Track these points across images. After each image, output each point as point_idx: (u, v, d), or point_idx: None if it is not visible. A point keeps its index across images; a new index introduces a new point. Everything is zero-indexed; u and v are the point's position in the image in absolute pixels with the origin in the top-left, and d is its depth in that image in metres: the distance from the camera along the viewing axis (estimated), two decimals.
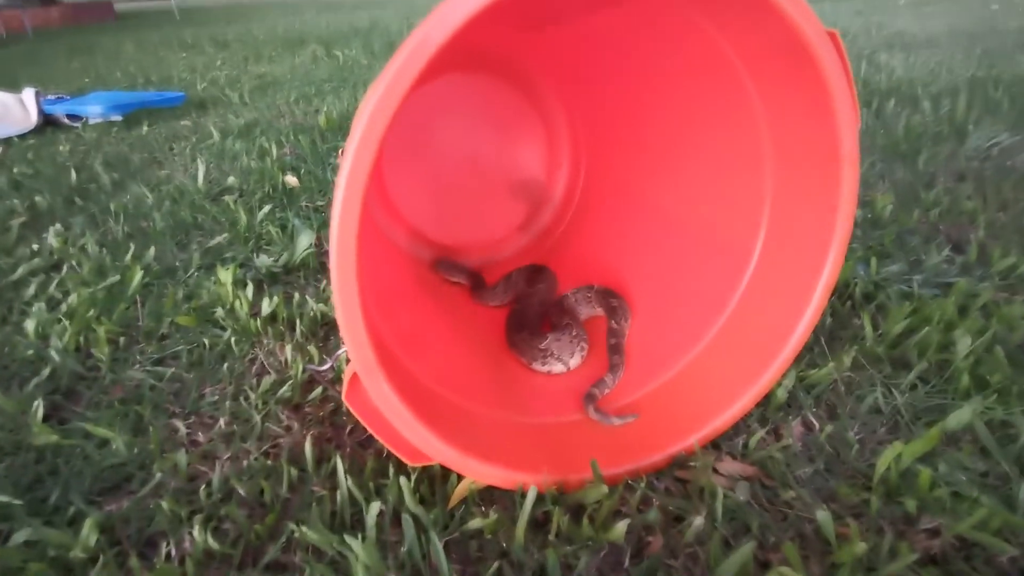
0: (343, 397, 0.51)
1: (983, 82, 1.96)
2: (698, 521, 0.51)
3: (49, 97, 2.20)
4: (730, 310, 0.66)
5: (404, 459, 0.52)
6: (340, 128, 1.86)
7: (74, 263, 1.06)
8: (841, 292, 0.86)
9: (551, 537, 0.52)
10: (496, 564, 0.49)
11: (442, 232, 1.00)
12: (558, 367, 0.73)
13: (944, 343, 0.72)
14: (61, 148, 1.82)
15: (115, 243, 1.14)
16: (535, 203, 1.03)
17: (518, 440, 0.59)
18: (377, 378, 0.47)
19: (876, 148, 1.48)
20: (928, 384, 0.68)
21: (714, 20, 0.57)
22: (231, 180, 1.43)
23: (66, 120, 2.10)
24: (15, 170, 1.57)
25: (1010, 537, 0.50)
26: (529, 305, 0.83)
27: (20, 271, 1.04)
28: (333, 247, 0.43)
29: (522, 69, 0.96)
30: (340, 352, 0.75)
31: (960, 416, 0.61)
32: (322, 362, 0.76)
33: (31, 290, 0.98)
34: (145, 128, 2.01)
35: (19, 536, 0.53)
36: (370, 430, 0.51)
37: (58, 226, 1.19)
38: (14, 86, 2.74)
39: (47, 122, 2.12)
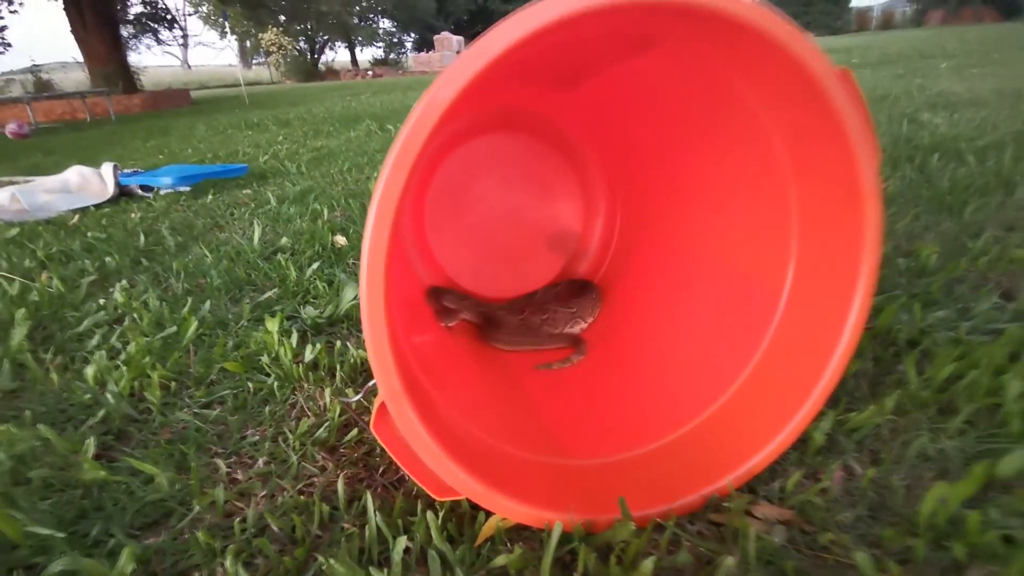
0: (370, 427, 0.52)
1: None
2: (729, 562, 0.49)
3: (125, 171, 2.39)
4: (762, 351, 0.65)
5: (430, 493, 0.52)
6: None
7: (135, 316, 1.13)
8: (884, 338, 0.84)
9: None
10: None
11: (480, 284, 1.03)
12: (581, 325, 0.90)
13: (994, 388, 0.69)
14: (132, 215, 1.96)
15: (174, 298, 1.21)
16: (570, 255, 1.05)
17: (546, 478, 0.59)
18: (403, 404, 0.48)
19: (921, 200, 1.46)
20: (978, 429, 0.65)
21: (734, 66, 0.59)
22: (284, 240, 1.51)
23: (139, 191, 2.27)
24: (88, 234, 1.70)
25: None
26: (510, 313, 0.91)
27: (85, 324, 1.11)
28: (363, 279, 0.46)
29: (557, 127, 1.00)
30: (370, 383, 0.77)
31: (1013, 461, 0.57)
32: (355, 393, 0.78)
33: (94, 341, 1.04)
34: (210, 197, 2.15)
35: (55, 566, 0.55)
36: (396, 461, 0.52)
37: (123, 282, 1.28)
38: (95, 163, 2.99)
39: (122, 193, 2.29)
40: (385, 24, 28.14)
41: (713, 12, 0.46)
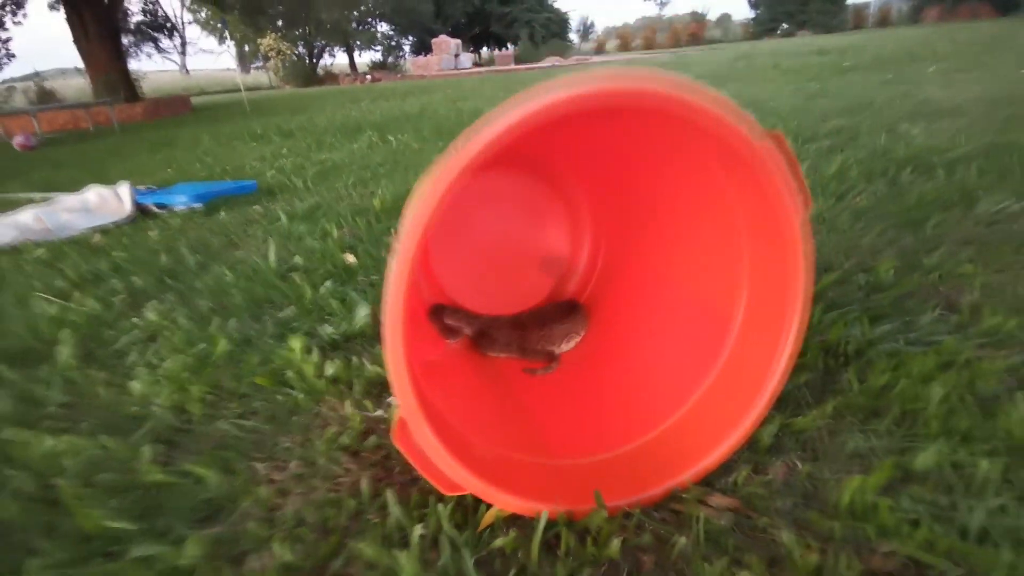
0: (392, 438, 0.64)
1: (1000, 148, 2.03)
2: (683, 541, 0.61)
3: (140, 189, 2.51)
4: (718, 367, 0.77)
5: (441, 490, 0.64)
6: (393, 210, 2.06)
7: (167, 334, 1.24)
8: (834, 350, 0.95)
9: (560, 554, 0.62)
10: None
11: (479, 303, 1.15)
12: (576, 339, 1.04)
13: (922, 394, 0.80)
14: (151, 234, 2.08)
15: (201, 316, 1.33)
16: (560, 276, 1.17)
17: (535, 476, 0.70)
18: (419, 420, 0.60)
19: (889, 215, 1.57)
20: (903, 430, 0.76)
21: (689, 135, 0.71)
22: (297, 259, 1.63)
23: (155, 209, 2.39)
24: (114, 254, 1.82)
25: (959, 561, 0.58)
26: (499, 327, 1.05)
27: (123, 341, 1.23)
28: (386, 322, 0.57)
29: (549, 163, 1.12)
30: (389, 399, 0.88)
31: (927, 457, 0.69)
32: (375, 409, 0.90)
33: (132, 357, 1.16)
34: (223, 214, 2.27)
35: (135, 551, 0.67)
36: (414, 465, 0.64)
37: (155, 303, 1.40)
38: (104, 177, 3.12)
39: (139, 211, 2.41)
40: (383, 27, 28.24)
41: (638, 105, 0.58)
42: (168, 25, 15.65)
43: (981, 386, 0.82)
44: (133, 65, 12.44)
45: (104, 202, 2.41)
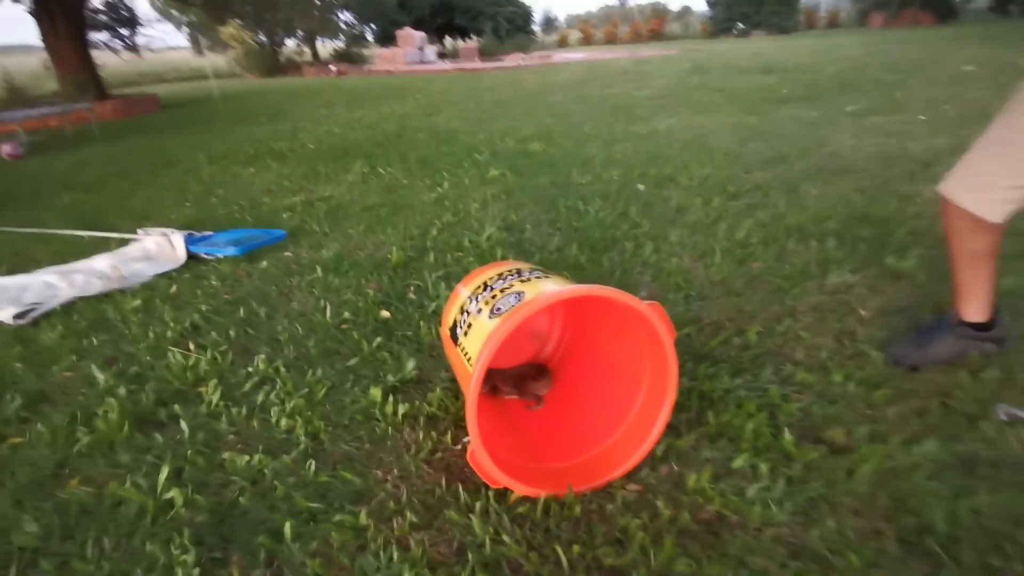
0: (467, 458, 1.25)
1: (862, 220, 2.73)
2: (610, 506, 1.25)
3: (191, 235, 3.04)
4: (634, 412, 1.41)
5: (489, 484, 1.26)
6: (407, 266, 2.65)
7: (276, 379, 1.82)
8: (708, 396, 1.60)
9: (551, 514, 1.25)
10: (527, 525, 1.23)
11: (499, 362, 1.76)
12: (546, 389, 1.59)
13: (744, 425, 1.46)
14: (214, 282, 2.63)
15: (293, 365, 1.91)
16: (542, 343, 1.80)
17: (535, 474, 1.33)
18: (481, 450, 1.22)
19: (769, 282, 2.23)
20: (735, 444, 1.41)
21: (619, 306, 1.33)
22: (346, 315, 2.21)
23: (205, 256, 2.92)
24: (203, 307, 2.36)
25: (738, 512, 1.23)
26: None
27: (247, 386, 1.81)
28: (468, 401, 1.19)
29: None
30: (465, 439, 1.49)
31: (739, 462, 1.34)
32: (456, 443, 1.50)
33: (260, 397, 1.74)
34: (264, 263, 2.81)
35: (335, 518, 1.27)
36: (476, 471, 1.25)
37: (260, 354, 1.97)
38: (127, 209, 3.60)
39: (189, 256, 2.93)
40: (346, 16, 28.13)
41: (559, 302, 1.20)
42: (130, 17, 15.55)
43: (781, 419, 1.48)
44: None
45: (161, 250, 2.93)
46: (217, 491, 1.39)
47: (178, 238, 2.95)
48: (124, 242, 3.24)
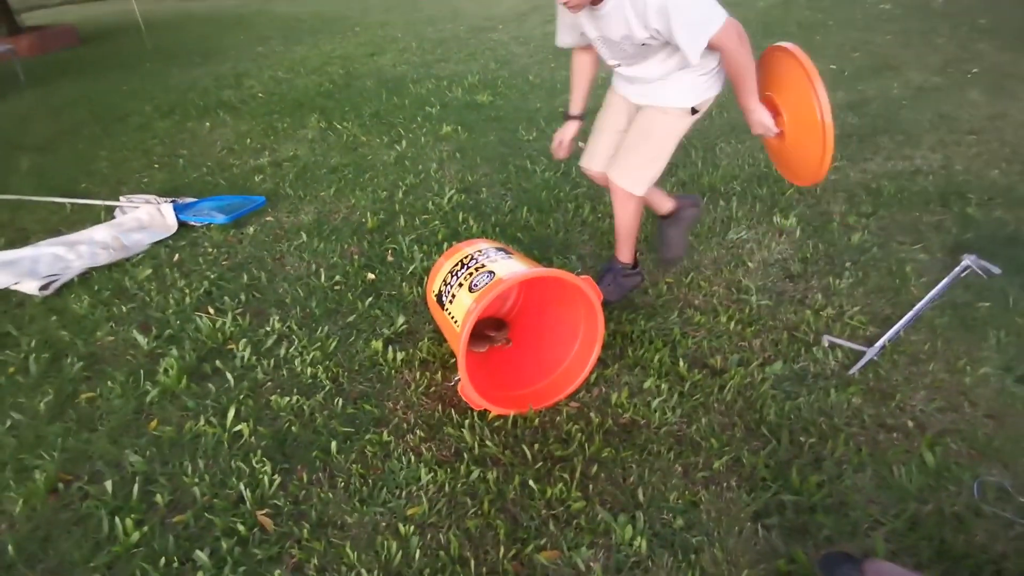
0: (459, 391, 1.77)
1: (762, 178, 3.29)
2: (559, 418, 1.80)
3: (175, 202, 3.35)
4: (573, 351, 1.95)
5: (473, 407, 1.79)
6: (382, 230, 3.06)
7: (292, 336, 2.28)
8: (631, 337, 2.15)
9: (520, 425, 1.80)
10: (502, 433, 1.78)
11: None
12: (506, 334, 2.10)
13: (652, 357, 2.02)
14: (210, 250, 2.99)
15: (302, 324, 2.36)
16: (503, 303, 2.31)
17: (507, 398, 1.87)
18: (468, 385, 1.74)
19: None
20: (643, 372, 1.98)
21: (560, 279, 1.84)
22: (337, 276, 2.65)
23: (195, 223, 3.25)
24: (211, 275, 2.74)
25: (645, 417, 1.81)
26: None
27: (268, 343, 2.25)
28: (460, 346, 1.69)
29: None
30: (456, 378, 2.01)
31: (648, 384, 1.91)
32: (445, 381, 2.02)
33: (281, 351, 2.20)
34: (251, 229, 3.17)
35: (367, 437, 1.79)
36: (465, 399, 1.78)
37: (276, 316, 2.40)
38: (94, 174, 3.82)
39: (180, 224, 3.25)
40: None
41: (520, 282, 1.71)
42: None
43: (680, 352, 2.05)
44: None
45: (153, 220, 3.24)
46: (271, 423, 1.88)
47: (167, 207, 3.26)
48: (109, 210, 3.50)
